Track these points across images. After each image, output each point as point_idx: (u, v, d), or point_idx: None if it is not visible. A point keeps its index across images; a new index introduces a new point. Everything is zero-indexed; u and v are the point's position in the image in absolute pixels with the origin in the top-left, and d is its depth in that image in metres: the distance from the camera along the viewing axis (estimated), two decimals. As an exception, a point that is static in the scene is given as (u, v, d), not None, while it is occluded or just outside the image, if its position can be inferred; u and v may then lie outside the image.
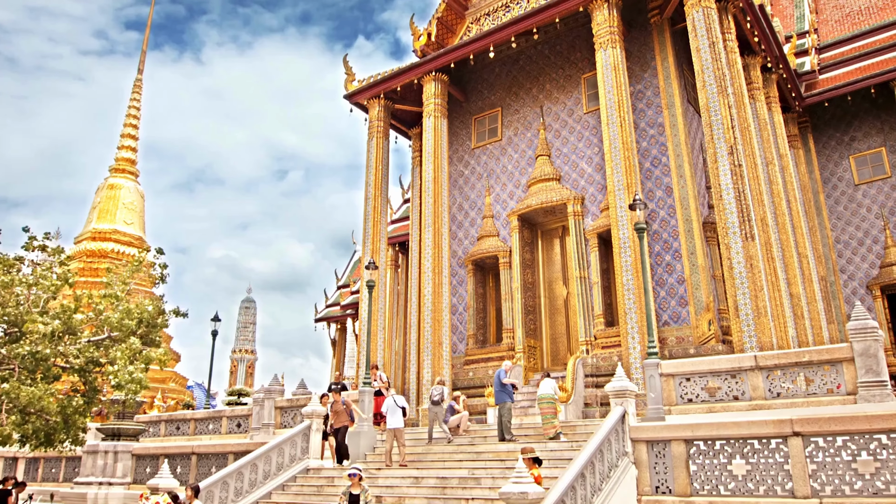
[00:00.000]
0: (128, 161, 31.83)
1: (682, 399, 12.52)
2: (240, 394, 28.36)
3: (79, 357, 13.99)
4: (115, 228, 30.14)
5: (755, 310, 13.71)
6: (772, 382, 11.85)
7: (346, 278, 41.62)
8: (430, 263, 18.86)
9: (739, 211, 14.39)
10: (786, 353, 11.79)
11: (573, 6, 17.77)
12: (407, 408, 14.04)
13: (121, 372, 13.29)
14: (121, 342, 14.79)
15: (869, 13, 26.96)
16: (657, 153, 17.60)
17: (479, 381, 18.41)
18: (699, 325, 15.70)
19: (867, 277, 23.01)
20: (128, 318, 14.64)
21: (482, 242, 20.11)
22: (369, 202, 21.07)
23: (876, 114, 23.91)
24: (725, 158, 14.85)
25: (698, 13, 16.03)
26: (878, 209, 23.20)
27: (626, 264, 15.45)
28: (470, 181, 21.34)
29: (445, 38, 22.84)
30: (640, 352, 14.70)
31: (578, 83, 19.75)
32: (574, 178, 18.97)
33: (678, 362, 12.67)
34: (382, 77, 21.42)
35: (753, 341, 13.54)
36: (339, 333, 39.70)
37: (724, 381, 12.23)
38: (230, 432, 19.58)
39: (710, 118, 15.28)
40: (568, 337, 18.75)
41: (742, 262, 14.09)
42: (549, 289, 19.54)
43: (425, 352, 18.22)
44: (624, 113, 16.53)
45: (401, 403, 13.61)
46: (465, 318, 20.01)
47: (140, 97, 32.54)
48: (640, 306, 15.00)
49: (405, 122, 23.96)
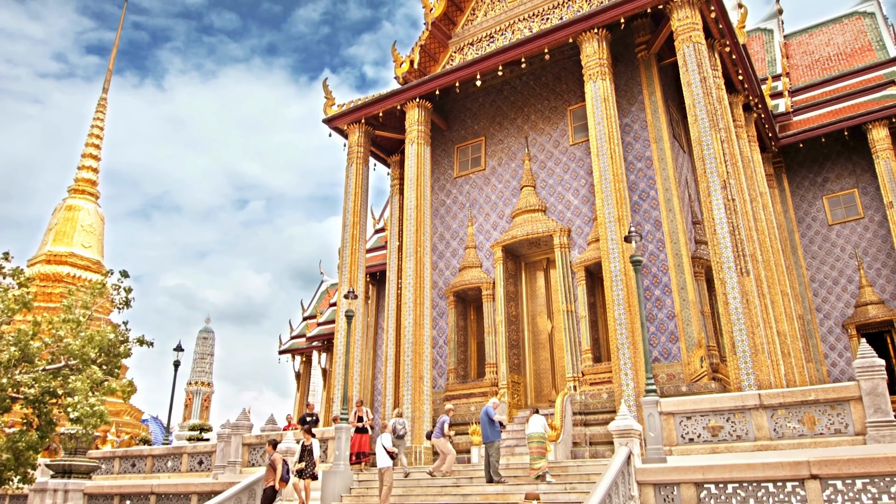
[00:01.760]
0: (88, 182, 30.41)
1: (682, 439, 12.02)
2: (201, 429, 26.87)
3: (33, 387, 12.83)
4: (71, 251, 28.53)
5: (752, 347, 13.37)
6: (776, 422, 11.46)
7: (312, 309, 40.42)
8: (412, 294, 18.16)
9: (734, 245, 14.15)
10: (791, 392, 11.43)
11: (563, 37, 17.63)
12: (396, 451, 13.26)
13: (80, 404, 12.19)
14: (79, 371, 13.67)
15: (837, 59, 27.74)
16: (645, 186, 17.40)
17: (460, 417, 17.63)
18: (691, 361, 15.32)
19: (843, 317, 23.11)
20: (89, 345, 13.56)
21: (464, 273, 19.53)
22: (347, 229, 20.35)
23: (848, 156, 24.35)
24: (719, 192, 14.67)
25: (689, 48, 16.01)
26: (853, 249, 23.45)
27: (618, 298, 15.02)
28: (451, 210, 20.84)
29: (428, 66, 22.54)
30: (634, 389, 14.20)
31: (564, 115, 19.56)
32: (560, 210, 18.62)
33: (678, 400, 12.20)
34: (364, 102, 20.92)
35: (752, 379, 13.16)
36: (304, 366, 38.36)
37: (727, 420, 11.79)
38: (191, 470, 18.32)
39: (703, 152, 15.13)
40: (553, 372, 18.18)
41: (738, 298, 13.79)
42: (532, 322, 19.01)
43: (405, 386, 17.40)
44: (614, 145, 16.31)
45: (387, 444, 12.77)
46: (445, 352, 19.28)
47: (104, 116, 31.34)
48: (634, 341, 14.55)
49: (384, 149, 23.45)
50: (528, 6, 21.21)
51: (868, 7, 28.63)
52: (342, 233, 20.51)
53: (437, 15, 22.05)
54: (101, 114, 31.34)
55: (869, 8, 28.54)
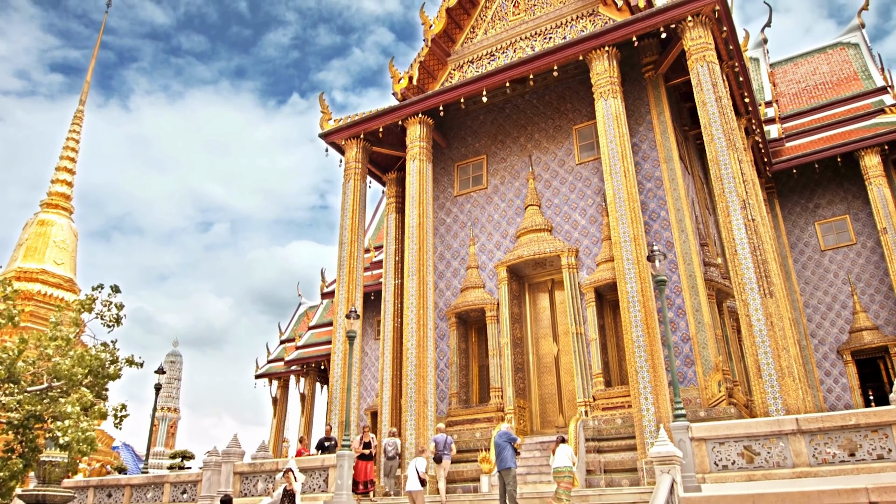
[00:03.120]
0: (62, 196, 29.04)
1: (716, 466, 11.51)
2: (183, 456, 25.44)
3: (18, 410, 11.76)
4: (42, 268, 26.98)
5: (779, 370, 13.02)
6: (815, 448, 11.03)
7: (290, 332, 39.25)
8: (415, 315, 17.47)
9: (756, 266, 13.86)
10: (830, 416, 11.03)
11: (573, 54, 17.39)
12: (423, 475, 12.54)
13: (71, 428, 11.18)
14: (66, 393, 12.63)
15: (824, 88, 28.20)
16: (655, 206, 17.11)
17: (463, 444, 16.89)
18: (708, 385, 14.90)
19: (837, 342, 23.08)
20: (79, 365, 12.55)
21: (466, 294, 18.91)
22: (345, 247, 19.60)
23: (839, 182, 24.58)
24: (739, 212, 14.41)
25: (703, 67, 15.87)
26: (845, 275, 23.52)
27: (635, 319, 14.58)
28: (452, 229, 20.28)
29: (426, 83, 22.12)
30: (655, 413, 13.70)
31: (570, 134, 19.26)
32: (567, 230, 18.21)
33: (710, 425, 11.71)
34: (363, 117, 20.36)
35: (779, 403, 12.78)
36: (281, 391, 37.05)
37: (763, 446, 11.34)
38: (174, 501, 17.15)
39: (720, 171, 14.90)
40: (559, 397, 17.59)
41: (762, 320, 13.45)
42: (536, 345, 18.44)
43: (408, 411, 16.62)
44: (627, 163, 16.02)
45: (420, 468, 12.11)
46: (446, 375, 18.56)
47: (80, 129, 30.07)
48: (654, 364, 14.08)
49: (379, 167, 22.86)
50: (530, 25, 21.01)
51: (852, 38, 29.27)
52: (339, 251, 19.76)
53: (437, 32, 21.70)
54: (78, 125, 30.08)
55: (853, 39, 29.17)
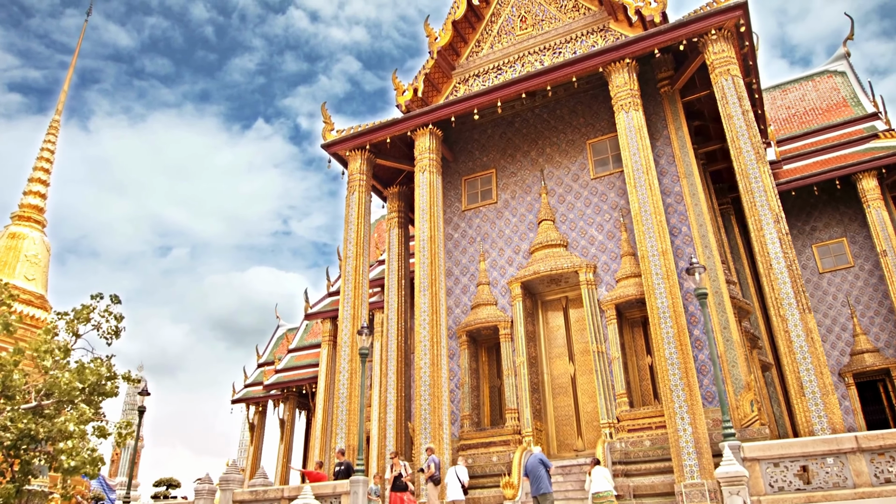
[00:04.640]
0: (34, 208, 27.46)
1: (771, 487, 10.91)
2: (168, 484, 23.82)
3: (10, 430, 10.54)
4: (12, 284, 25.37)
5: (822, 387, 12.58)
6: (877, 467, 10.55)
7: (268, 355, 37.81)
8: (428, 332, 16.63)
9: (793, 280, 13.49)
10: (891, 433, 10.57)
11: (593, 66, 17.06)
12: None
13: (76, 450, 10.04)
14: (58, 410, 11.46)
15: (814, 114, 28.59)
16: (676, 222, 16.73)
17: (479, 469, 16.03)
18: (740, 405, 14.38)
19: (838, 365, 22.95)
20: (79, 379, 11.41)
21: (478, 311, 18.16)
22: (349, 261, 18.71)
23: (835, 206, 24.71)
24: (772, 226, 14.08)
25: (727, 81, 15.67)
26: (844, 297, 23.51)
27: (667, 336, 14.03)
28: (460, 245, 19.59)
29: (431, 96, 21.58)
30: (693, 434, 13.10)
31: (583, 149, 18.87)
32: (583, 245, 17.69)
33: (764, 444, 11.15)
34: (369, 127, 19.66)
35: (824, 422, 12.30)
36: (258, 417, 35.46)
37: (820, 465, 10.81)
38: (163, 533, 15.86)
39: (751, 185, 14.59)
40: (577, 419, 16.88)
41: (802, 336, 13.05)
42: (550, 365, 17.75)
43: (423, 434, 15.68)
44: (651, 177, 15.63)
45: (462, 476, 11.37)
46: (457, 397, 17.69)
47: (56, 139, 28.60)
48: (688, 382, 13.52)
49: (380, 180, 22.12)
50: (539, 40, 20.71)
51: (838, 66, 29.85)
52: (343, 266, 18.85)
53: (443, 44, 21.24)
54: (53, 136, 28.60)
55: (839, 67, 29.76)
